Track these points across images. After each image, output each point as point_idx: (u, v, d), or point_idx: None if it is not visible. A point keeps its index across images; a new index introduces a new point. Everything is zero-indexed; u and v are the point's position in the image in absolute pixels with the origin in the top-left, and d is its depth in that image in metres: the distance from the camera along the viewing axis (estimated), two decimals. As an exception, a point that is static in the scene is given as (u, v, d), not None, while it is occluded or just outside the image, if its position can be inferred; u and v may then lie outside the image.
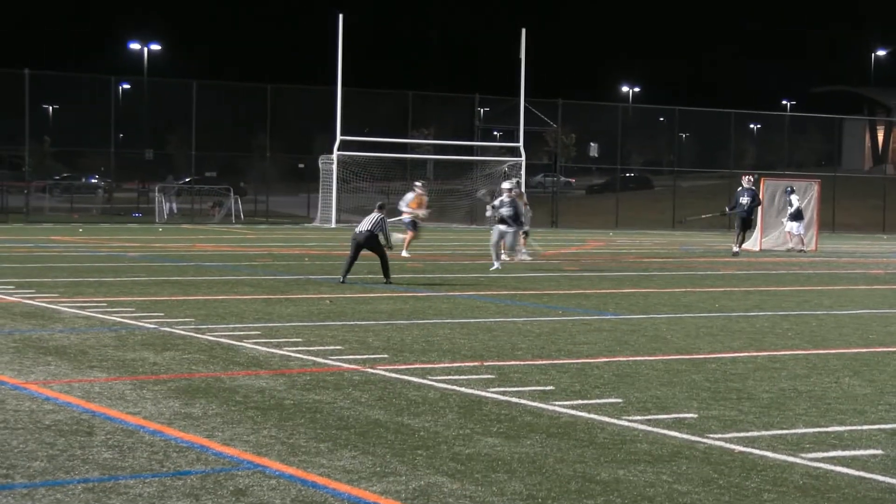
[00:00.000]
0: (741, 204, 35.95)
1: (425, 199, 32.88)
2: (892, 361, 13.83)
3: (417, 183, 33.62)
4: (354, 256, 22.55)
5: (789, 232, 39.73)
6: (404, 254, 29.94)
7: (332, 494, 7.52)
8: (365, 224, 22.46)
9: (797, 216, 39.49)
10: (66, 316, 16.61)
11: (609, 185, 77.78)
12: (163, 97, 64.35)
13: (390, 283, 22.19)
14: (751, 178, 37.35)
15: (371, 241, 22.37)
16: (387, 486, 7.73)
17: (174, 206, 60.80)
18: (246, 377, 11.79)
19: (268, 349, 13.68)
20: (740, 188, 36.83)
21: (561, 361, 13.19)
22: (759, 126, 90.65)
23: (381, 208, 22.88)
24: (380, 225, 22.45)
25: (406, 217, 31.91)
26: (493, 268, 26.38)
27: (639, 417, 10.06)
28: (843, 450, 9.00)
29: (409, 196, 32.51)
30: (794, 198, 39.66)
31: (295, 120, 66.95)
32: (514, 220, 26.70)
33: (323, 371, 12.27)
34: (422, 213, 32.47)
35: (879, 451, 8.97)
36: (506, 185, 28.17)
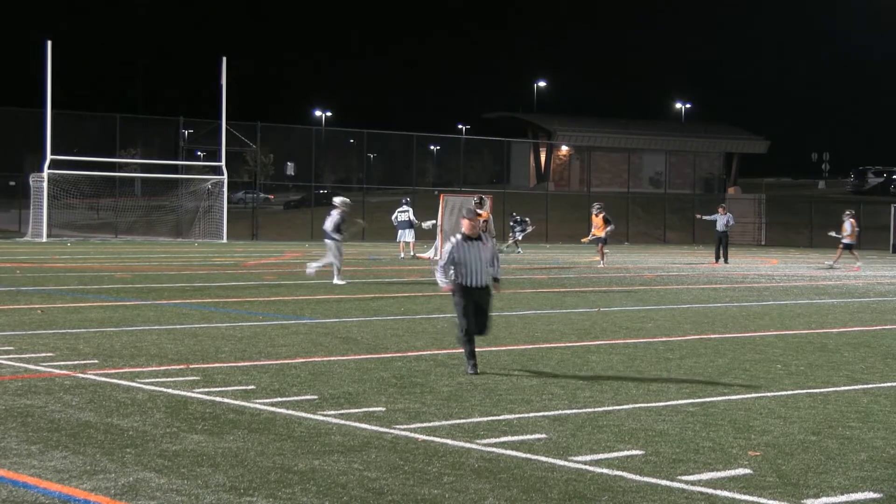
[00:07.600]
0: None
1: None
2: (555, 356, 14.30)
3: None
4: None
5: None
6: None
7: (42, 493, 7.24)
8: (481, 274, 13.32)
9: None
10: None
11: (304, 201, 77.93)
12: None
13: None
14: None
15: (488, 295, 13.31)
16: (97, 484, 7.50)
17: None
18: (-42, 385, 11.23)
19: (-20, 358, 13.07)
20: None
21: (262, 363, 13.10)
22: (438, 148, 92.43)
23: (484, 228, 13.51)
24: (496, 256, 13.93)
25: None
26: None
27: (332, 412, 10.08)
28: (513, 435, 9.24)
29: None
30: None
31: (4, 140, 64.39)
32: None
33: (34, 377, 11.80)
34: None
35: (543, 435, 9.25)
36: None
